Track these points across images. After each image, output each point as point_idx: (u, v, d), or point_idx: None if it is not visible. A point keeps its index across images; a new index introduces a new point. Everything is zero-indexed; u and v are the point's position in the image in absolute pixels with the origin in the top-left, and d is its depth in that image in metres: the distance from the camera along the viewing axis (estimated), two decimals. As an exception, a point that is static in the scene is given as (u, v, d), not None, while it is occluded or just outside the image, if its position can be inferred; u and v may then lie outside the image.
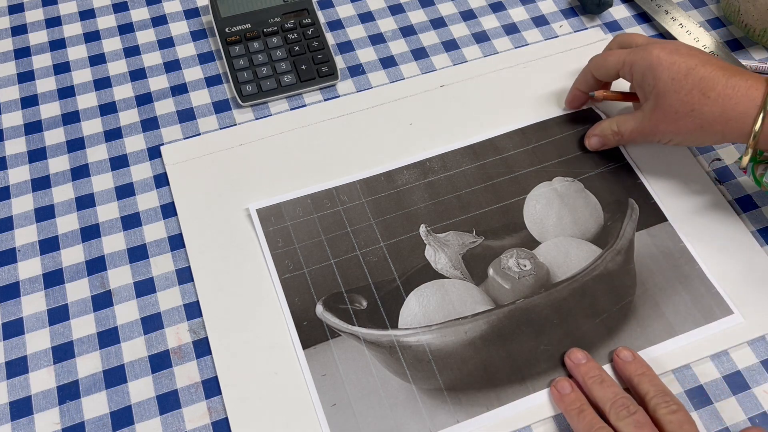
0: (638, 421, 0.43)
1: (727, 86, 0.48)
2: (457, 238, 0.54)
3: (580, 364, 0.48)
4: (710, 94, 0.49)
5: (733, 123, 0.48)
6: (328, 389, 0.48)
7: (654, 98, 0.51)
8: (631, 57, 0.52)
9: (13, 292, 0.52)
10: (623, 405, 0.44)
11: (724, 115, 0.48)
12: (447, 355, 0.49)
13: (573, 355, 0.48)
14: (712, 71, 0.49)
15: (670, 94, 0.50)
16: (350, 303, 0.51)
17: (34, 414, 0.47)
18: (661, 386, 0.46)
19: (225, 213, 0.55)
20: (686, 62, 0.50)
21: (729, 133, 0.49)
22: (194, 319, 0.51)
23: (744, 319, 0.51)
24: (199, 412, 0.48)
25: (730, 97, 0.48)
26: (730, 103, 0.48)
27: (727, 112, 0.48)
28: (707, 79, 0.49)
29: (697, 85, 0.49)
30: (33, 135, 0.59)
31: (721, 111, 0.48)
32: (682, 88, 0.49)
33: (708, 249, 0.54)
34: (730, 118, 0.48)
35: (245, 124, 0.60)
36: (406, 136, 0.59)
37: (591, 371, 0.47)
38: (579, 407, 0.45)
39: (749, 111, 0.48)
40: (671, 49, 0.51)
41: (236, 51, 0.62)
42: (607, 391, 0.45)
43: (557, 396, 0.47)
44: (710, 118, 0.49)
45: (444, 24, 0.67)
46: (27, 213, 0.55)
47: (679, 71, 0.50)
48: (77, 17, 0.66)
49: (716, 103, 0.48)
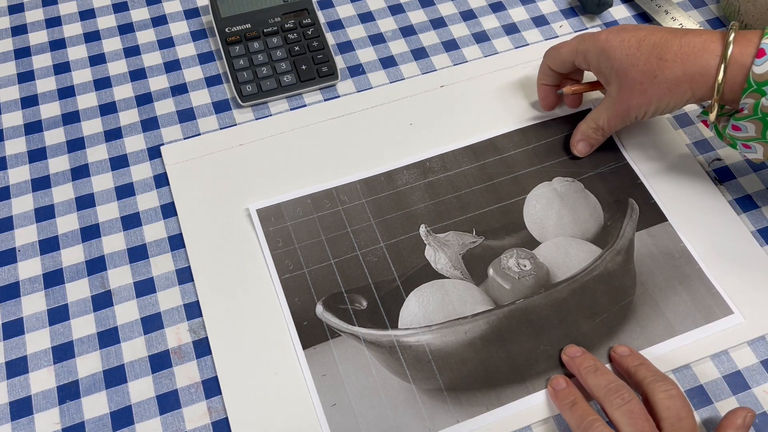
0: (632, 410, 0.43)
1: (681, 45, 0.48)
2: (457, 238, 0.54)
3: (575, 357, 0.48)
4: (667, 56, 0.49)
5: (699, 78, 0.48)
6: (328, 389, 0.48)
7: (615, 78, 0.51)
8: (582, 45, 0.53)
9: (13, 292, 0.52)
10: (617, 392, 0.44)
11: (686, 73, 0.48)
12: (447, 355, 0.49)
13: (568, 350, 0.48)
14: (663, 36, 0.49)
15: (629, 69, 0.50)
16: (350, 303, 0.51)
17: (34, 414, 0.47)
18: (659, 372, 0.46)
19: (225, 213, 0.55)
20: (635, 35, 0.50)
21: (697, 90, 0.49)
22: (194, 319, 0.51)
23: (744, 319, 0.51)
24: (199, 412, 0.48)
25: (687, 55, 0.48)
26: (690, 59, 0.48)
27: (689, 69, 0.48)
28: (660, 44, 0.49)
29: (652, 52, 0.49)
30: (33, 135, 0.59)
31: (683, 70, 0.48)
32: (638, 60, 0.50)
33: (708, 249, 0.54)
34: (694, 74, 0.48)
35: (245, 124, 0.60)
36: (406, 136, 0.59)
37: (585, 362, 0.47)
38: (572, 401, 0.46)
39: (711, 62, 0.47)
40: (618, 29, 0.52)
41: (236, 51, 0.62)
42: (601, 379, 0.45)
43: (552, 393, 0.47)
44: (674, 79, 0.49)
45: (444, 24, 0.67)
46: (27, 213, 0.55)
47: (630, 45, 0.50)
48: (77, 17, 0.66)
49: (675, 63, 0.48)
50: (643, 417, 0.43)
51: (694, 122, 0.61)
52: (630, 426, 0.42)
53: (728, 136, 0.50)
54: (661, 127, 0.60)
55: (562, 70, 0.56)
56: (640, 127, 0.60)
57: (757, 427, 0.47)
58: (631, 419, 0.42)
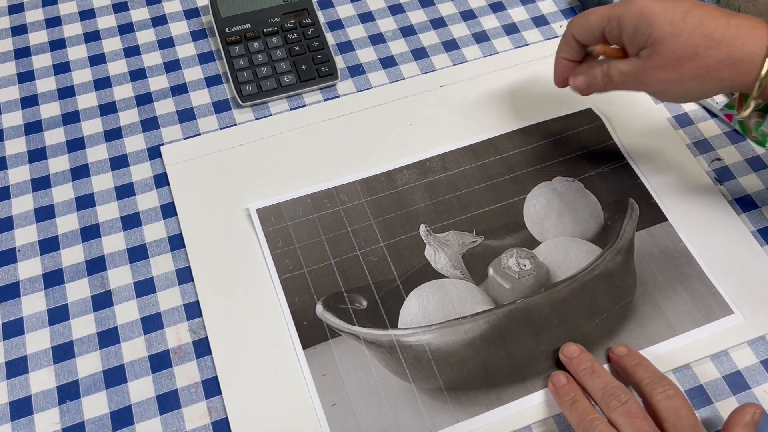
0: (629, 410, 0.43)
1: (729, 26, 0.45)
2: (457, 237, 0.54)
3: (573, 357, 0.47)
4: (714, 35, 0.45)
5: (742, 65, 0.44)
6: (328, 389, 0.48)
7: (651, 46, 0.47)
8: (616, 11, 0.48)
9: (13, 292, 0.52)
10: (614, 394, 0.44)
11: (731, 57, 0.44)
12: (447, 354, 0.49)
13: (566, 349, 0.48)
14: (710, 11, 0.46)
15: (670, 39, 0.45)
16: (350, 303, 0.51)
17: (34, 414, 0.47)
18: (656, 372, 0.45)
19: (225, 213, 0.55)
20: (679, 5, 0.46)
21: (736, 79, 0.45)
22: (194, 319, 0.51)
23: (744, 319, 0.51)
24: (199, 412, 0.48)
25: (735, 37, 0.44)
26: (737, 43, 0.44)
27: (734, 54, 0.44)
28: (708, 20, 0.45)
29: (698, 26, 0.45)
30: (33, 135, 0.59)
31: (728, 53, 0.44)
32: (682, 31, 0.45)
33: (708, 249, 0.54)
34: (738, 60, 0.44)
35: (245, 124, 0.60)
36: (406, 136, 0.59)
37: (582, 363, 0.47)
38: (572, 398, 0.45)
39: (757, 51, 0.44)
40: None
41: (236, 51, 0.62)
42: (597, 382, 0.45)
43: (553, 389, 0.47)
44: (715, 62, 0.45)
45: (444, 24, 0.67)
46: (27, 213, 0.55)
47: (675, 14, 0.45)
48: (77, 17, 0.66)
49: (722, 44, 0.44)
50: (642, 416, 0.42)
51: (693, 122, 0.61)
52: (629, 426, 0.42)
53: (761, 133, 0.47)
54: (661, 127, 0.60)
55: (587, 40, 0.51)
56: (640, 126, 0.60)
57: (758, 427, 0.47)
58: (629, 419, 0.42)
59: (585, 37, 0.51)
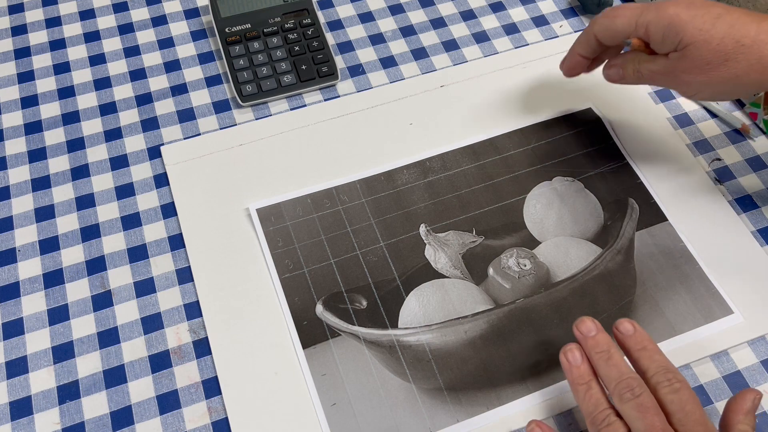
0: (642, 404, 0.41)
1: (759, 31, 0.45)
2: (457, 237, 0.54)
3: (589, 336, 0.45)
4: (745, 40, 0.45)
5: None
6: (328, 389, 0.48)
7: (681, 50, 0.47)
8: (645, 17, 0.48)
9: (13, 292, 0.52)
10: (628, 387, 0.42)
11: (761, 63, 0.45)
12: (447, 354, 0.49)
13: (583, 326, 0.45)
14: (740, 16, 0.46)
15: (701, 46, 0.46)
16: (350, 303, 0.51)
17: (34, 414, 0.47)
18: (662, 362, 0.43)
19: (225, 213, 0.55)
20: (708, 11, 0.46)
21: (766, 82, 0.46)
22: (194, 319, 0.51)
23: (744, 319, 0.51)
24: (199, 412, 0.48)
25: (765, 42, 0.45)
26: (766, 50, 0.45)
27: (764, 59, 0.45)
28: (738, 26, 0.45)
29: (729, 32, 0.45)
30: (33, 135, 0.59)
31: (758, 58, 0.45)
32: (712, 37, 0.46)
33: (708, 249, 0.54)
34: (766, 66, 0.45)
35: (245, 124, 0.60)
36: (406, 136, 0.59)
37: (598, 345, 0.44)
38: (587, 383, 0.44)
39: None
40: (686, 3, 0.47)
41: (236, 51, 0.62)
42: (613, 370, 0.43)
43: (566, 365, 0.45)
44: (746, 67, 0.46)
45: (444, 24, 0.67)
46: (27, 213, 0.55)
47: (705, 21, 0.46)
48: (77, 17, 0.66)
49: (752, 50, 0.45)
50: (654, 411, 0.41)
51: (693, 122, 0.61)
52: (639, 421, 0.41)
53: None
54: (661, 127, 0.60)
55: (611, 42, 0.51)
56: (640, 126, 0.60)
57: (758, 426, 0.47)
58: (641, 413, 0.41)
59: (607, 38, 0.51)
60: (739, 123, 0.60)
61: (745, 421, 0.42)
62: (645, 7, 0.49)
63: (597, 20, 0.51)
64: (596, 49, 0.53)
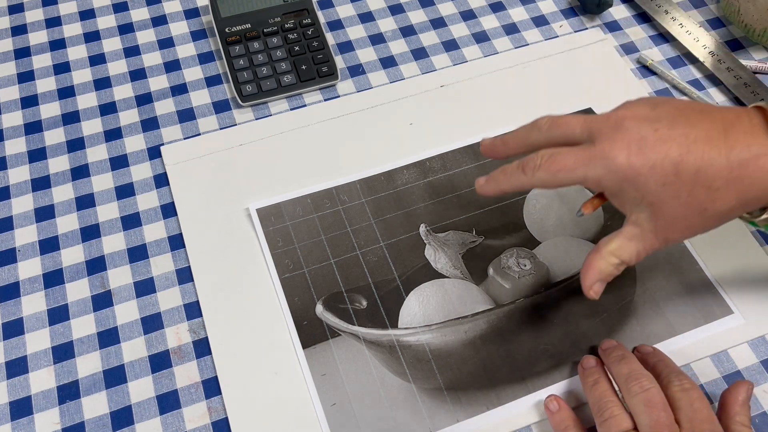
0: (650, 398, 0.41)
1: (731, 167, 0.38)
2: (457, 237, 0.54)
3: (607, 348, 0.47)
4: (716, 184, 0.38)
5: (755, 203, 0.40)
6: (327, 389, 0.48)
7: (647, 209, 0.40)
8: (592, 172, 0.40)
9: (13, 292, 0.52)
10: (637, 380, 0.42)
11: (741, 201, 0.39)
12: (447, 354, 0.49)
13: (604, 343, 0.48)
14: (703, 152, 0.38)
15: (669, 202, 0.39)
16: (350, 303, 0.51)
17: (34, 414, 0.47)
18: (675, 368, 0.45)
19: (225, 213, 0.55)
20: (665, 154, 0.38)
21: (750, 210, 0.41)
22: (194, 319, 0.51)
23: (744, 319, 0.51)
24: (199, 412, 0.48)
25: (740, 178, 0.38)
26: (744, 184, 0.38)
27: (743, 196, 0.39)
28: (704, 168, 0.38)
29: (696, 180, 0.38)
30: (33, 135, 0.59)
31: (737, 198, 0.39)
32: (680, 191, 0.39)
33: (708, 249, 0.54)
34: (750, 200, 0.39)
35: (245, 124, 0.60)
36: (406, 136, 0.59)
37: (615, 351, 0.46)
38: (595, 379, 0.45)
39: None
40: (636, 144, 0.39)
41: (236, 51, 0.62)
42: (624, 367, 0.44)
43: (581, 371, 0.47)
44: (727, 209, 0.39)
45: (444, 24, 0.67)
46: (27, 213, 0.55)
47: (666, 173, 0.38)
48: (77, 17, 0.66)
49: (728, 192, 0.38)
50: (661, 406, 0.41)
51: (694, 122, 0.61)
52: (645, 414, 0.41)
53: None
54: (661, 127, 0.60)
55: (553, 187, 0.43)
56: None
57: (758, 426, 0.47)
58: (647, 408, 0.41)
59: (550, 186, 0.43)
60: (739, 123, 0.60)
61: (741, 413, 0.44)
62: (589, 156, 0.40)
63: (535, 174, 0.42)
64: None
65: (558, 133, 0.43)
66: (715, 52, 0.63)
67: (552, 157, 0.41)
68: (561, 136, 0.42)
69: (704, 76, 0.64)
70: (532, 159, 0.42)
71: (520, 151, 0.45)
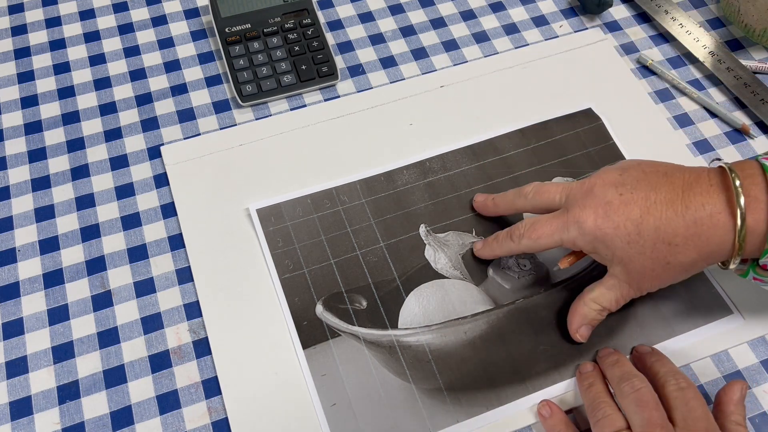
0: (641, 398, 0.42)
1: (687, 225, 0.42)
2: (457, 238, 0.54)
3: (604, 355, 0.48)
4: (676, 240, 0.42)
5: (716, 255, 0.43)
6: (328, 389, 0.48)
7: (619, 264, 0.45)
8: (567, 236, 0.45)
9: (13, 292, 0.52)
10: (628, 381, 0.44)
11: (701, 254, 0.43)
12: (447, 355, 0.49)
13: (601, 351, 0.49)
14: (662, 211, 0.43)
15: (636, 257, 0.44)
16: (350, 303, 0.51)
17: (34, 414, 0.47)
18: (673, 367, 0.46)
19: (225, 213, 0.55)
20: (627, 216, 0.43)
21: (713, 261, 0.44)
22: (194, 319, 0.51)
23: (744, 319, 0.51)
24: (199, 412, 0.48)
25: (697, 235, 0.42)
26: (702, 240, 0.42)
27: (703, 251, 0.42)
28: (663, 227, 0.42)
29: (657, 237, 0.43)
30: (33, 135, 0.59)
31: (697, 252, 0.42)
32: (644, 248, 0.43)
33: (708, 249, 0.54)
34: (709, 253, 0.43)
35: (245, 124, 0.60)
36: (406, 136, 0.59)
37: (610, 356, 0.48)
38: (590, 382, 0.46)
39: (725, 238, 0.42)
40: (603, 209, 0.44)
41: (236, 51, 0.62)
42: (617, 370, 0.45)
43: (578, 375, 0.48)
44: (689, 262, 0.43)
45: (444, 24, 0.67)
46: (27, 213, 0.55)
47: (629, 232, 0.43)
48: (77, 17, 0.66)
49: (687, 247, 0.42)
50: (653, 406, 0.42)
51: (693, 122, 0.61)
52: (637, 414, 0.42)
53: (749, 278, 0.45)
54: (661, 127, 0.60)
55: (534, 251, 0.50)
56: (640, 126, 0.60)
57: (758, 427, 0.47)
58: (639, 407, 0.42)
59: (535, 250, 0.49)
60: (739, 123, 0.60)
61: (736, 411, 0.44)
62: (564, 222, 0.46)
63: (521, 241, 0.48)
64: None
65: (540, 201, 0.49)
66: (715, 52, 0.63)
67: (533, 226, 0.47)
68: (543, 203, 0.49)
69: (704, 76, 0.64)
70: (518, 228, 0.49)
71: (508, 212, 0.53)
